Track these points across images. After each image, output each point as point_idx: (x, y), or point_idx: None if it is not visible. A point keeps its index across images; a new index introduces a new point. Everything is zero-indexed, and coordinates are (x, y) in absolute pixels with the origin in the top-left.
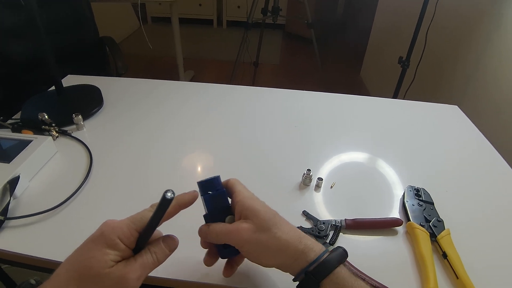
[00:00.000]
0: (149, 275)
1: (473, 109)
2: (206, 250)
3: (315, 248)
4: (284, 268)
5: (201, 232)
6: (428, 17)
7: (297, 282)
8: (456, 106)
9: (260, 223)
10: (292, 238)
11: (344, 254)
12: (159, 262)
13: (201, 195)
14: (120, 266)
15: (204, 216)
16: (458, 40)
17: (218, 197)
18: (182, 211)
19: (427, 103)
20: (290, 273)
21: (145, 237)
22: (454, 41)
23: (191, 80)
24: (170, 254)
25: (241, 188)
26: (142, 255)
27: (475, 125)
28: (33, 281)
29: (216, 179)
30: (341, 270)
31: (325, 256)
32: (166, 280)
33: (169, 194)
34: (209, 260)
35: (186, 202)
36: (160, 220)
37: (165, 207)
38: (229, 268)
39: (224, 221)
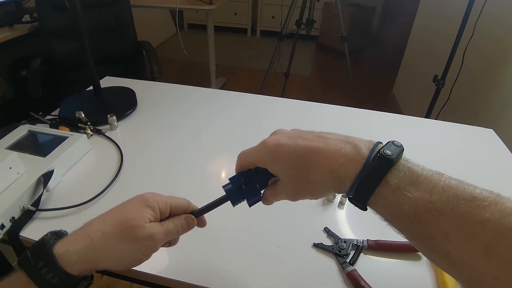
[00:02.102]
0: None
1: (510, 134)
2: None
3: (351, 175)
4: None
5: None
6: (466, 37)
7: None
8: (492, 130)
9: (287, 185)
10: (325, 180)
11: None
12: (178, 234)
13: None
14: (153, 225)
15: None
16: (497, 62)
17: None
18: None
19: (460, 125)
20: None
21: (202, 212)
22: (492, 63)
23: (222, 87)
24: (188, 231)
25: (252, 159)
26: (167, 223)
27: (511, 151)
28: (64, 231)
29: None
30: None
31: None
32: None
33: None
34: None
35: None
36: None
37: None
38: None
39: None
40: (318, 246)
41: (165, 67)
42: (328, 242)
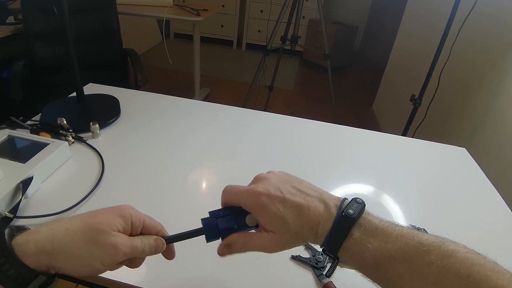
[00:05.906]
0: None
1: (481, 153)
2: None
3: (324, 232)
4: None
5: (234, 246)
6: (442, 60)
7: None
8: (464, 149)
9: (271, 236)
10: (298, 227)
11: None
12: (143, 253)
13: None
14: (120, 235)
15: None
16: (470, 85)
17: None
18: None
19: (435, 143)
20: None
21: (174, 239)
22: (465, 85)
23: (205, 98)
24: (154, 254)
25: (240, 201)
26: (135, 239)
27: (482, 169)
28: (28, 227)
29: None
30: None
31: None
32: None
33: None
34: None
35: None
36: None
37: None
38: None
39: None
40: (296, 259)
41: (149, 75)
42: (306, 254)
